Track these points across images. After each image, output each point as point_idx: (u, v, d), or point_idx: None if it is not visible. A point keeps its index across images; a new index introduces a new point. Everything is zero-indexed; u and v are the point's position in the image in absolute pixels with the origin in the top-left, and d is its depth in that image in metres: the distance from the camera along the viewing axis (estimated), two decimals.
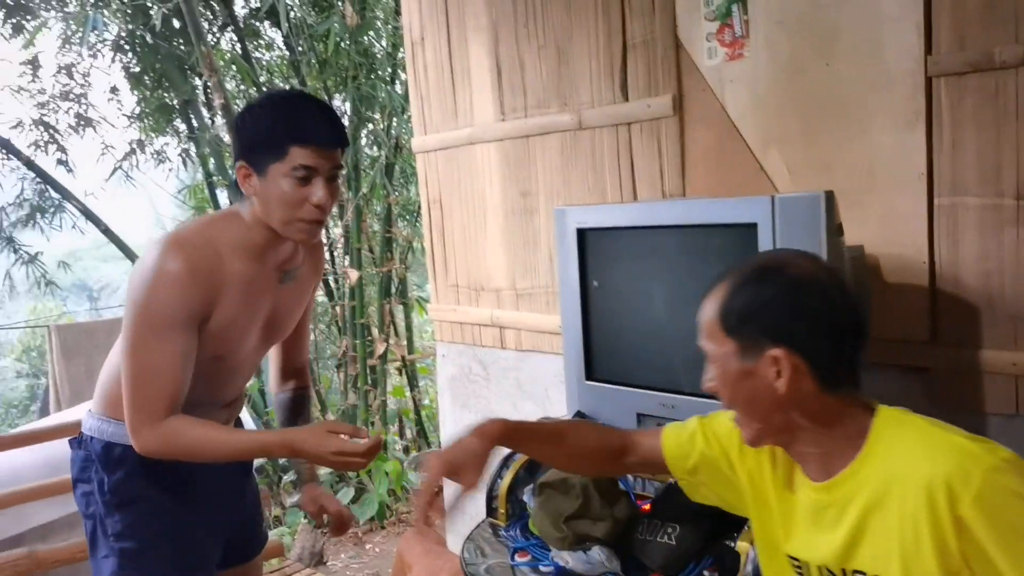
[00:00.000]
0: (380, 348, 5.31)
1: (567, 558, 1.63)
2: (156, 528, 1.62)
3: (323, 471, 4.62)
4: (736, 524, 1.48)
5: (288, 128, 1.49)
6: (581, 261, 1.92)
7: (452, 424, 3.12)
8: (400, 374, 5.78)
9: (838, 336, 1.07)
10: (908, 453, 1.03)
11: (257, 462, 3.64)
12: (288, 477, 4.85)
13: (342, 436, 1.49)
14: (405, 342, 5.70)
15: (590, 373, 1.95)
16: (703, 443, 1.29)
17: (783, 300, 1.06)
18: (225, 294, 1.54)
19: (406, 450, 5.54)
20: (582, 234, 1.91)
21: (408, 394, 5.59)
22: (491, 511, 1.88)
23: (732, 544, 1.47)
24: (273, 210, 1.53)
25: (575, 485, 1.67)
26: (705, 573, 1.55)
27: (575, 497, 1.66)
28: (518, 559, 1.71)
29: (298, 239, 1.59)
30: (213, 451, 1.53)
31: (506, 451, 1.98)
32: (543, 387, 2.72)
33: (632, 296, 1.89)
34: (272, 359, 1.94)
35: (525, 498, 1.83)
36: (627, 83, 2.34)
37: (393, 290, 5.50)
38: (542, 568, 1.66)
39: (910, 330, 1.86)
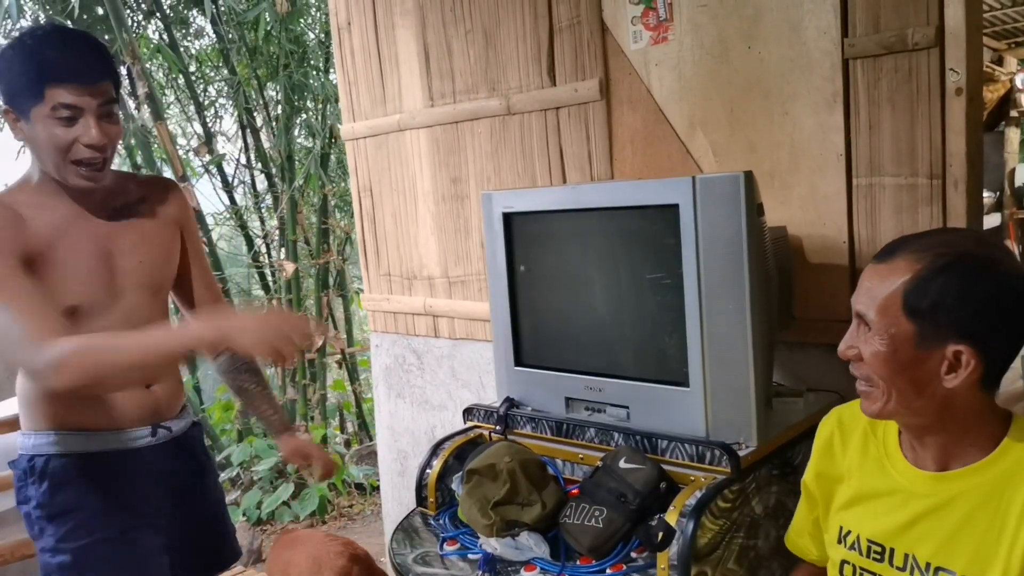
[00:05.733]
0: (318, 341, 5.23)
1: (495, 544, 1.61)
2: (89, 540, 1.51)
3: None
4: (662, 504, 1.49)
5: (40, 67, 1.39)
6: (508, 246, 1.90)
7: (388, 415, 3.08)
8: (340, 367, 5.70)
9: (1017, 342, 1.04)
10: None
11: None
12: (224, 475, 4.75)
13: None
14: (344, 335, 5.63)
15: (519, 359, 1.94)
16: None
17: (985, 299, 0.99)
18: (40, 247, 1.44)
19: (347, 444, 5.47)
20: (508, 219, 1.89)
21: (349, 387, 5.52)
22: (421, 500, 1.86)
23: (654, 522, 1.46)
24: (44, 156, 1.45)
25: (503, 471, 1.64)
26: (633, 554, 1.54)
27: (503, 483, 1.63)
28: (447, 548, 1.68)
29: (78, 184, 1.48)
30: (132, 355, 1.35)
31: (440, 437, 1.96)
32: (477, 375, 2.70)
33: (558, 280, 1.88)
34: None
35: (454, 486, 1.81)
36: (554, 67, 2.32)
37: (331, 282, 5.42)
38: (471, 556, 1.64)
39: (833, 309, 1.88)
